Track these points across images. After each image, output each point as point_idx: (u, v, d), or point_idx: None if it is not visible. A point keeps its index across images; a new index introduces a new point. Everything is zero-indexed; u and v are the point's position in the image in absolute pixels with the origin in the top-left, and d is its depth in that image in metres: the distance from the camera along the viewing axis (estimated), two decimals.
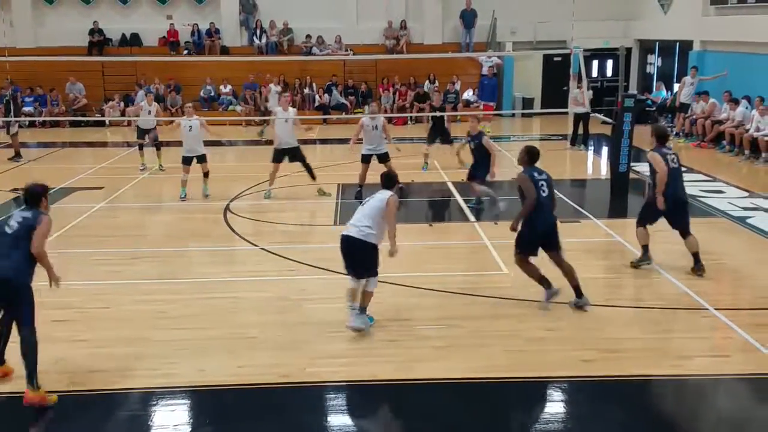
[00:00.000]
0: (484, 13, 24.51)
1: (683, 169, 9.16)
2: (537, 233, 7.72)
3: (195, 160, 12.99)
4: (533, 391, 6.36)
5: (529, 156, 7.87)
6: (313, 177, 13.14)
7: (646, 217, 9.05)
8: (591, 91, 18.65)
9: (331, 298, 8.37)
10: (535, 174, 7.79)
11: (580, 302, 7.86)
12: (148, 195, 13.93)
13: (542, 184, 7.74)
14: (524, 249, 7.84)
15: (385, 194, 7.32)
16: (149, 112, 15.37)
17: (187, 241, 10.76)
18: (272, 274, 9.21)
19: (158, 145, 15.71)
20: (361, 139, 12.95)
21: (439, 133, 15.54)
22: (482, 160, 11.78)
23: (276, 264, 9.59)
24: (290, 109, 13.40)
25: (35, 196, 6.46)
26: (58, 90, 23.59)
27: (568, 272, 7.84)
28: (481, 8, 24.48)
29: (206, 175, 13.14)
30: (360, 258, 7.23)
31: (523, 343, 7.09)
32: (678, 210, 8.78)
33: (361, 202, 7.64)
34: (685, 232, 8.89)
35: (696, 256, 8.90)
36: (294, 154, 13.09)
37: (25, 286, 6.16)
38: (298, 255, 9.87)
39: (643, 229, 9.06)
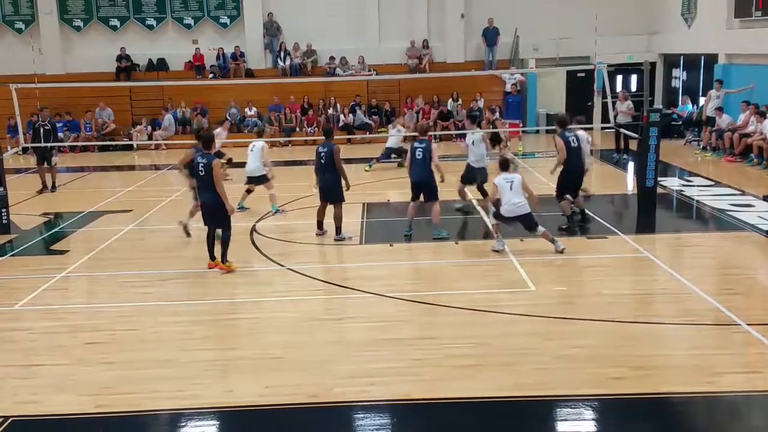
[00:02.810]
0: (506, 30, 24.58)
1: (710, 183, 9.09)
2: None
3: None
4: (562, 409, 6.28)
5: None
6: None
7: (563, 191, 11.43)
8: (624, 103, 18.72)
9: (358, 317, 8.38)
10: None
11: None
12: (175, 217, 14.05)
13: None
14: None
15: (518, 176, 10.32)
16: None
17: None
18: (298, 294, 9.23)
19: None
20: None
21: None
22: None
23: (302, 284, 9.62)
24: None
25: (209, 140, 9.47)
26: (87, 116, 23.98)
27: None
28: (503, 26, 24.56)
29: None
30: (528, 217, 10.22)
31: (551, 361, 7.02)
32: (579, 176, 11.55)
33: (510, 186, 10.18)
34: (576, 193, 11.58)
35: (582, 213, 11.73)
36: None
37: (220, 205, 9.65)
38: (324, 275, 9.89)
39: (565, 202, 11.41)
